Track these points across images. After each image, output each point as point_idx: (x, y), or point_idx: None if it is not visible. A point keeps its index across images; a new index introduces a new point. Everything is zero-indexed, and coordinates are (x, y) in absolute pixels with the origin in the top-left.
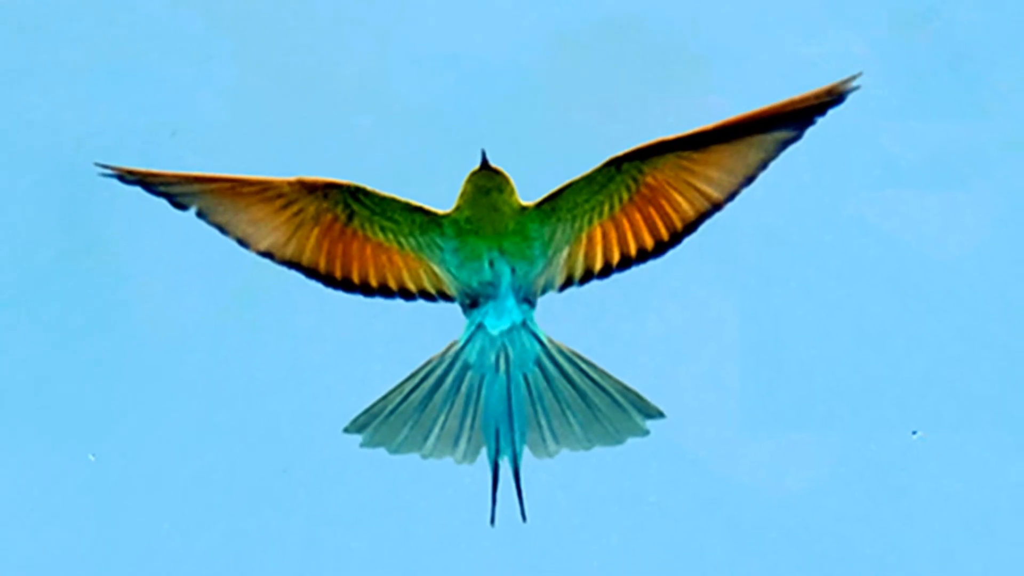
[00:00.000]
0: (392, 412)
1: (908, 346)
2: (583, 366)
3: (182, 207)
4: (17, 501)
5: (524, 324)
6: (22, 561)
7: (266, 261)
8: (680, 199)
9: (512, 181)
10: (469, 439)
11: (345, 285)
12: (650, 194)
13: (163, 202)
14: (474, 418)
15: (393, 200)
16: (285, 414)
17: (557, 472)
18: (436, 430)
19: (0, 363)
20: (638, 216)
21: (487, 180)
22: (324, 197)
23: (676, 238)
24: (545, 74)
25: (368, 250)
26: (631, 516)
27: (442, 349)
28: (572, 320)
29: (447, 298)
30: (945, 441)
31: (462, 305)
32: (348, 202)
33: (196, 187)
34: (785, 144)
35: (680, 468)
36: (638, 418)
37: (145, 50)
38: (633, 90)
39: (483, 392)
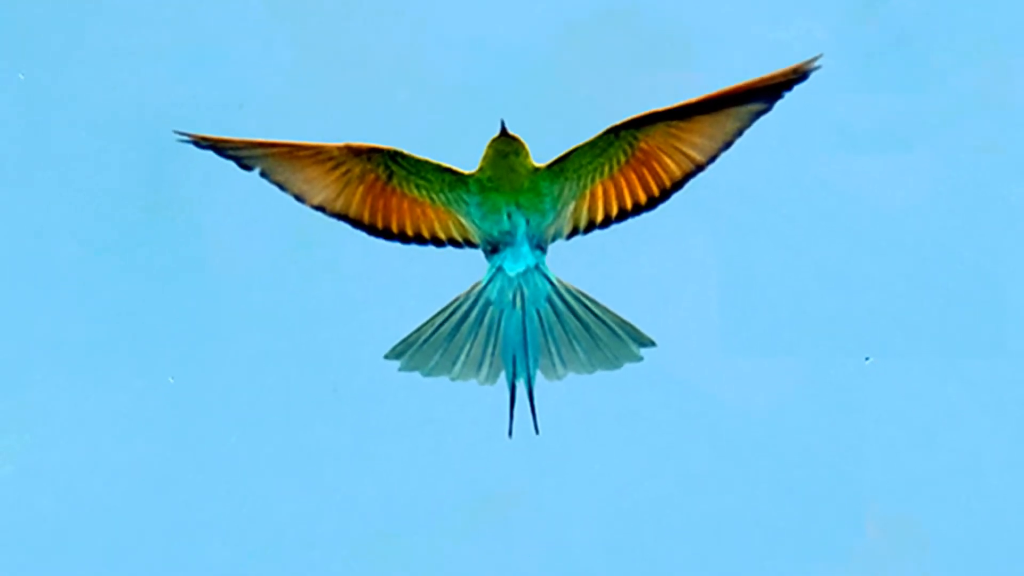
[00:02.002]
0: (425, 341)
1: (861, 284)
2: (587, 302)
3: (247, 168)
4: (109, 415)
5: (537, 267)
6: (112, 465)
7: (319, 214)
8: (669, 161)
9: (527, 146)
10: (490, 364)
11: (385, 234)
12: (643, 157)
13: (231, 164)
14: (495, 346)
15: (426, 162)
16: (335, 343)
17: (565, 392)
18: (462, 357)
19: (96, 300)
20: (633, 176)
21: (506, 145)
22: (368, 159)
23: (665, 194)
24: (555, 55)
25: (405, 204)
26: (627, 429)
27: (467, 288)
28: (578, 263)
29: (471, 245)
30: (892, 366)
31: (484, 251)
32: (388, 164)
33: (259, 151)
34: (758, 115)
35: (668, 388)
36: (633, 346)
37: (217, 35)
38: (629, 69)
39: (502, 325)
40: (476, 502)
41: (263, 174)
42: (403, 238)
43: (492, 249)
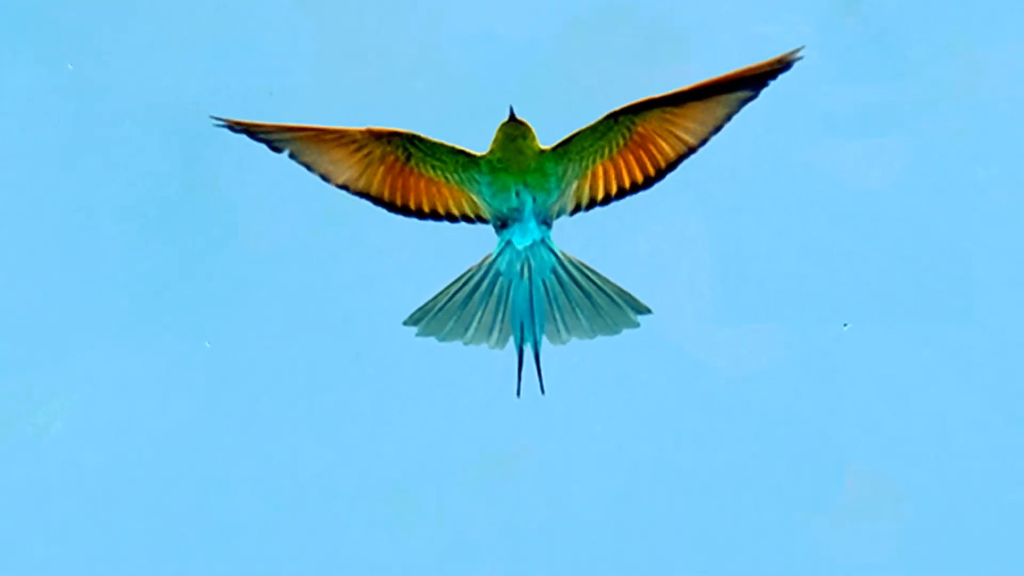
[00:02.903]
0: (440, 309)
1: (841, 257)
2: (588, 273)
3: (277, 150)
4: (150, 378)
5: (543, 241)
6: (154, 423)
7: (343, 192)
8: (664, 144)
9: (533, 130)
10: (500, 330)
11: (404, 211)
12: (640, 140)
13: (263, 146)
14: (504, 314)
15: (441, 144)
16: (358, 310)
17: (568, 356)
18: (474, 323)
19: (138, 272)
20: (631, 157)
21: (514, 129)
22: (388, 142)
23: (660, 175)
24: (559, 49)
25: (422, 184)
26: (625, 390)
27: (479, 260)
28: (581, 238)
29: (483, 221)
30: (870, 332)
31: (494, 226)
32: (407, 146)
33: (288, 135)
34: (745, 102)
35: (663, 353)
36: (631, 314)
37: (248, 28)
38: (627, 59)
39: (511, 294)
40: (486, 457)
41: (292, 156)
42: (420, 214)
43: (501, 224)
